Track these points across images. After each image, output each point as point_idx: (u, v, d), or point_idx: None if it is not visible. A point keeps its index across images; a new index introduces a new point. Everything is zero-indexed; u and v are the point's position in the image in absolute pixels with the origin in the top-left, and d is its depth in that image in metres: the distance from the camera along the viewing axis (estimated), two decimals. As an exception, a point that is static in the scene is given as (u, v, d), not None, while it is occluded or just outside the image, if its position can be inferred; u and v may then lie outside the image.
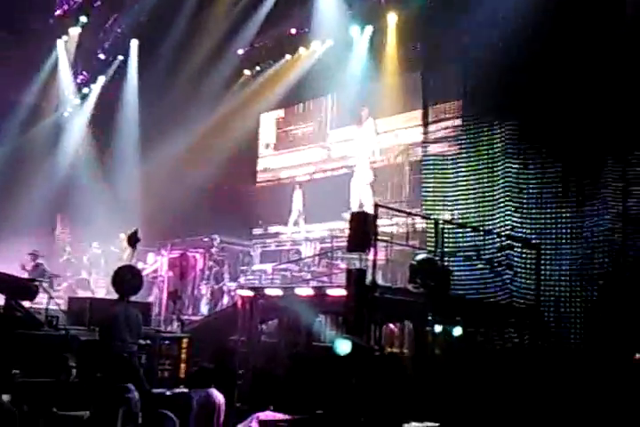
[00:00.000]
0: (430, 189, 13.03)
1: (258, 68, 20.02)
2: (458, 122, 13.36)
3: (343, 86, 17.44)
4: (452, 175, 12.72)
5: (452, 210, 12.54)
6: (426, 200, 12.98)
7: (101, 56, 20.74)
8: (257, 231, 19.41)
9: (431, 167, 13.13)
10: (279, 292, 10.77)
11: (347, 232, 9.64)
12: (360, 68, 17.11)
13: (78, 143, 21.26)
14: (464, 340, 9.52)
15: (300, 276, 14.41)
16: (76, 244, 19.75)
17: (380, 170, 16.69)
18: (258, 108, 19.92)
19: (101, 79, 21.20)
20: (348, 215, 15.91)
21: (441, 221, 10.36)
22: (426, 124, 14.15)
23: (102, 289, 17.22)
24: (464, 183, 12.46)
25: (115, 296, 9.63)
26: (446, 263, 10.13)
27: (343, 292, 9.18)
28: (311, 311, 10.24)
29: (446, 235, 10.71)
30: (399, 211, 11.66)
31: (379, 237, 9.35)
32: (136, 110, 20.51)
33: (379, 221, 9.26)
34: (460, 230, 11.77)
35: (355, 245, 9.20)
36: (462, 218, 12.28)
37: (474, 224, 11.84)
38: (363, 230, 9.06)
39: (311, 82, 18.06)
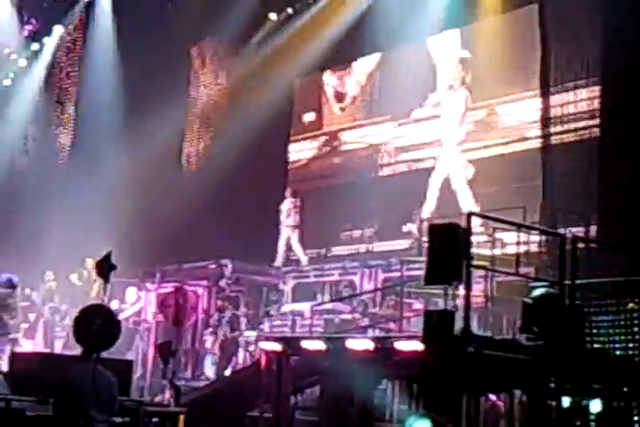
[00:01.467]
0: (552, 192, 13.04)
1: (289, 10, 20.19)
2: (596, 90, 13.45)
3: (415, 37, 17.54)
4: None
5: (586, 222, 12.40)
6: (545, 207, 12.88)
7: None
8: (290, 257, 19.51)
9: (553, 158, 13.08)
10: (321, 345, 10.71)
11: (424, 255, 9.54)
12: (441, 7, 17.18)
13: (24, 126, 21.65)
14: (607, 419, 9.39)
15: (353, 321, 14.42)
16: (20, 274, 20.07)
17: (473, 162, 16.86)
18: (290, 70, 20.03)
19: (58, 30, 21.52)
20: (413, 228, 16.47)
21: (570, 238, 10.17)
22: (545, 92, 14.13)
23: (59, 341, 17.42)
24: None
25: (78, 351, 9.69)
26: (579, 302, 9.97)
27: (419, 346, 9.06)
28: (370, 375, 10.15)
29: (579, 259, 10.53)
30: (506, 222, 11.52)
31: (474, 263, 9.25)
32: (111, 76, 20.77)
33: (473, 238, 9.18)
34: (600, 252, 11.63)
35: (436, 274, 9.10)
36: (603, 233, 12.17)
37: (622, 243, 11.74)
38: (449, 252, 8.97)
39: (369, 31, 18.12)
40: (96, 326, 9.74)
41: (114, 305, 16.65)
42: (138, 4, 19.76)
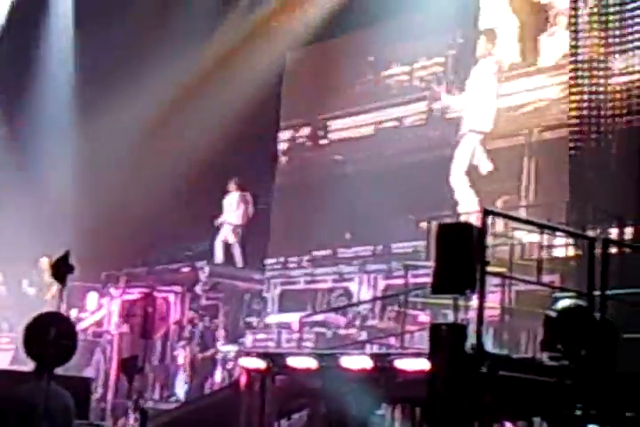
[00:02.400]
0: (581, 188, 13.08)
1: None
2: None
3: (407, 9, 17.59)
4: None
5: (620, 222, 12.42)
6: (574, 206, 12.92)
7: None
8: (273, 260, 19.47)
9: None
10: (312, 363, 10.71)
11: (431, 259, 9.54)
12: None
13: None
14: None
15: (348, 335, 14.44)
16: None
17: (495, 152, 16.87)
18: (280, 42, 20.02)
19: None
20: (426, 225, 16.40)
21: (600, 240, 10.17)
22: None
23: (7, 354, 17.40)
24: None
25: (29, 367, 9.66)
26: (611, 316, 9.98)
27: (425, 365, 9.07)
28: (368, 398, 10.15)
29: (612, 266, 10.55)
30: (527, 222, 11.53)
31: (489, 269, 9.25)
32: (70, 51, 20.78)
33: (489, 240, 9.17)
34: (636, 257, 11.64)
35: (446, 282, 9.09)
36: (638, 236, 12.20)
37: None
38: (461, 256, 8.97)
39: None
40: (50, 337, 9.70)
41: (72, 313, 16.66)
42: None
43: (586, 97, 14.09)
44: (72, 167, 20.11)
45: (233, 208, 19.11)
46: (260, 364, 11.21)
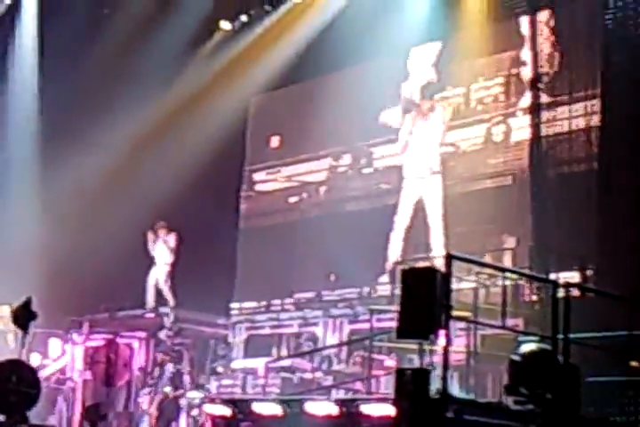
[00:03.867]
0: (542, 229, 13.13)
1: (244, 17, 20.35)
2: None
3: (388, 51, 17.79)
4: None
5: (583, 266, 12.52)
6: (537, 247, 13.01)
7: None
8: (243, 305, 19.37)
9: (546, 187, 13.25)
10: (277, 409, 10.69)
11: (396, 303, 9.56)
12: (415, 20, 17.47)
13: None
14: None
15: (314, 380, 14.41)
16: None
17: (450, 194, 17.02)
18: (245, 88, 20.13)
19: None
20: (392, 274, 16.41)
21: (563, 284, 10.27)
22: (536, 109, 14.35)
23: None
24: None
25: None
26: (574, 360, 10.02)
27: (391, 410, 9.09)
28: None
29: (575, 309, 10.61)
30: (492, 266, 11.60)
31: (454, 314, 9.28)
32: (34, 88, 20.79)
33: (453, 285, 9.21)
34: (599, 301, 11.71)
35: (411, 326, 9.11)
36: (600, 279, 12.27)
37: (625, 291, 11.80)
38: (425, 301, 9.00)
39: (340, 42, 18.30)
40: (12, 384, 9.70)
41: (34, 360, 16.53)
42: (68, 9, 19.73)
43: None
44: (34, 214, 20.02)
45: (162, 249, 19.01)
46: (226, 410, 11.17)
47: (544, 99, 15.45)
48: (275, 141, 20.47)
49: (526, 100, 16.08)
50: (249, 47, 20.17)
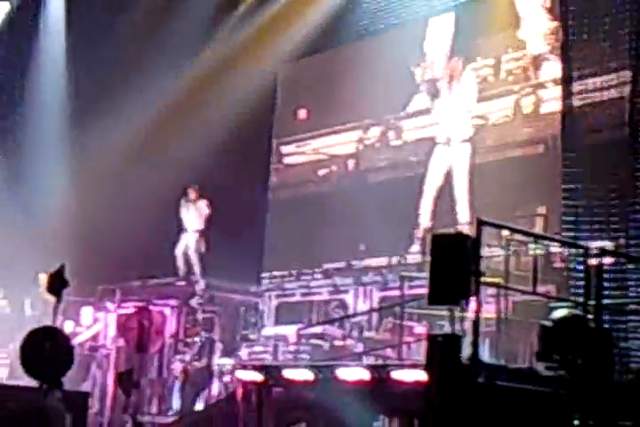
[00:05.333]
0: (574, 198, 13.01)
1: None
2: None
3: (412, 18, 17.74)
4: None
5: (615, 234, 12.45)
6: (567, 216, 12.94)
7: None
8: (273, 274, 19.40)
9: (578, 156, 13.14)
10: (309, 374, 10.73)
11: (426, 270, 9.54)
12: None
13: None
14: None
15: (345, 347, 14.46)
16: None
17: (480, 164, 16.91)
18: (272, 58, 20.05)
19: (3, 7, 21.54)
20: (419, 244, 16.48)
21: (596, 251, 10.20)
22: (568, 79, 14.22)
23: (3, 369, 17.38)
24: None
25: (24, 381, 9.68)
26: (607, 325, 9.99)
27: (422, 376, 9.10)
28: (365, 409, 10.16)
29: (607, 276, 10.56)
30: (523, 232, 11.53)
31: (484, 280, 9.26)
32: (62, 63, 20.82)
33: (484, 251, 9.18)
34: (632, 267, 11.67)
35: (441, 292, 9.11)
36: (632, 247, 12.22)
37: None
38: (456, 267, 8.99)
39: (366, 9, 18.19)
40: (46, 351, 9.75)
41: (67, 328, 16.64)
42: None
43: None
44: (64, 184, 20.10)
45: (193, 216, 18.98)
46: (257, 376, 11.23)
47: (574, 70, 15.27)
48: (302, 114, 20.34)
49: (556, 71, 15.88)
50: (274, 16, 20.04)
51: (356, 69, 18.76)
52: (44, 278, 17.06)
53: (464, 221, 16.42)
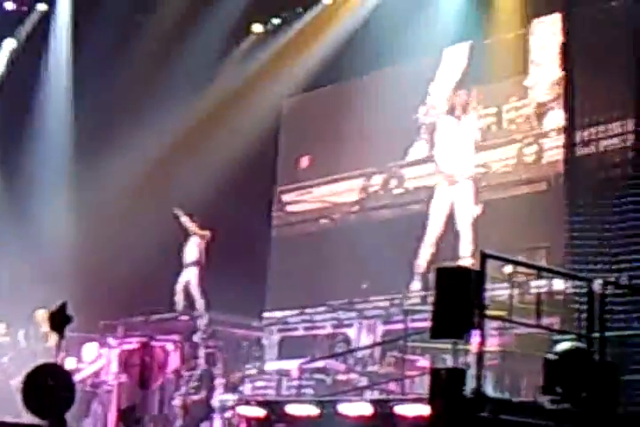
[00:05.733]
0: (580, 232, 13.18)
1: (275, 20, 20.41)
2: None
3: (416, 53, 17.79)
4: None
5: (617, 267, 12.43)
6: (573, 247, 12.89)
7: (9, 5, 21.26)
8: (275, 314, 19.27)
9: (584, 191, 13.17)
10: (312, 410, 10.67)
11: (430, 304, 9.51)
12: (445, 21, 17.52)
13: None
14: None
15: (348, 381, 14.36)
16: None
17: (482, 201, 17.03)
18: (277, 90, 20.12)
19: (9, 44, 21.69)
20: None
21: (599, 284, 10.16)
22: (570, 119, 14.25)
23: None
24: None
25: (24, 419, 9.62)
26: (611, 358, 9.93)
27: (425, 410, 9.03)
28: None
29: (611, 308, 10.53)
30: (526, 265, 11.51)
31: (488, 313, 9.22)
32: (67, 98, 20.93)
33: (487, 284, 9.15)
34: (636, 299, 11.65)
35: (445, 326, 9.06)
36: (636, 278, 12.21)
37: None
38: (459, 300, 8.95)
39: (371, 45, 18.29)
40: (47, 388, 9.70)
41: (69, 364, 16.56)
42: (101, 17, 19.82)
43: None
44: (68, 218, 20.14)
45: (192, 248, 18.97)
46: (260, 412, 11.17)
47: (577, 119, 15.32)
48: (304, 161, 20.38)
49: (559, 120, 15.84)
50: (281, 50, 20.17)
51: (358, 108, 18.87)
52: (41, 314, 17.10)
53: (466, 256, 16.43)
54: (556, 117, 16.03)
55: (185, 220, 18.81)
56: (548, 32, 16.56)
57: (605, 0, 14.38)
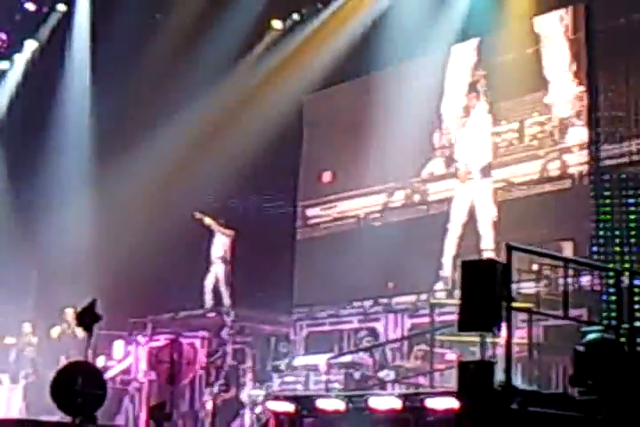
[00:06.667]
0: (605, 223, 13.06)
1: (295, 16, 20.38)
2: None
3: (432, 48, 17.76)
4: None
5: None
6: (599, 237, 12.89)
7: (30, 6, 21.33)
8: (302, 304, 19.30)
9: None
10: (340, 404, 10.65)
11: (456, 297, 9.49)
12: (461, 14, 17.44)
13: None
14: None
15: (376, 376, 14.33)
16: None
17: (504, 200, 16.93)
18: (298, 86, 20.09)
19: (30, 45, 21.78)
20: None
21: (625, 273, 10.13)
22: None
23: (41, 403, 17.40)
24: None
25: (56, 416, 9.66)
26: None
27: (454, 403, 9.03)
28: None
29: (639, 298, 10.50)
30: (553, 256, 11.46)
31: (515, 305, 9.19)
32: (86, 97, 20.99)
33: (514, 277, 9.12)
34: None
35: (472, 319, 9.04)
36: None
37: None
38: (486, 293, 8.93)
39: (386, 42, 18.23)
40: (78, 386, 9.74)
41: (99, 362, 16.64)
42: (120, 16, 19.85)
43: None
44: (94, 217, 20.20)
45: (218, 245, 19.03)
46: (289, 407, 11.16)
47: (601, 134, 15.28)
48: (327, 176, 20.19)
49: (582, 135, 15.86)
50: (301, 46, 20.15)
51: (380, 103, 18.76)
52: (70, 313, 17.21)
53: (489, 249, 16.41)
54: (579, 133, 15.95)
55: (209, 222, 18.89)
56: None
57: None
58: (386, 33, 18.34)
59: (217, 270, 18.95)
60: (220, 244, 18.95)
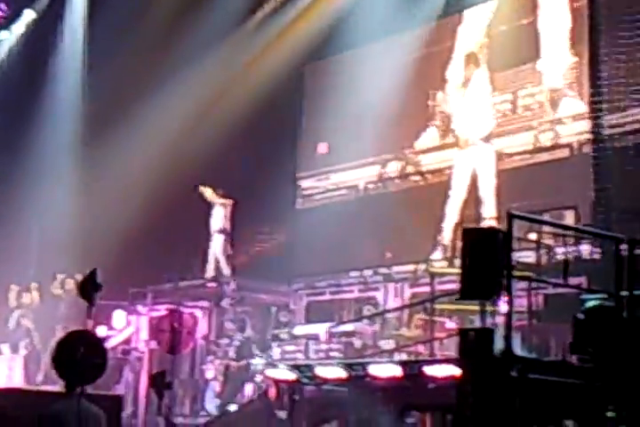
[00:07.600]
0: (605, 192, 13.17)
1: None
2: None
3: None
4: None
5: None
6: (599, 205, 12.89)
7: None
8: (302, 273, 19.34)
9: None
10: (340, 372, 10.71)
11: (456, 265, 9.50)
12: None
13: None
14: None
15: (376, 344, 14.38)
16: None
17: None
18: (295, 57, 20.01)
19: (28, 15, 21.74)
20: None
21: (625, 241, 10.11)
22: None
23: (39, 374, 17.50)
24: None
25: (57, 386, 9.68)
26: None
27: (454, 370, 9.08)
28: (397, 406, 10.17)
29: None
30: (553, 224, 11.48)
31: (516, 273, 9.20)
32: (81, 70, 20.98)
33: (514, 245, 9.12)
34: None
35: (472, 287, 9.05)
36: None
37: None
38: (487, 262, 8.94)
39: (384, 11, 18.17)
40: (79, 355, 9.72)
41: (100, 332, 16.70)
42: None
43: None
44: (95, 187, 20.22)
45: (217, 216, 19.05)
46: (289, 375, 11.23)
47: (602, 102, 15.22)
48: (323, 148, 20.20)
49: (575, 107, 15.84)
50: (300, 15, 20.07)
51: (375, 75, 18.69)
52: (71, 284, 17.29)
53: (491, 217, 16.41)
54: (572, 104, 15.92)
55: (209, 194, 18.91)
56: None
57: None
58: (384, 2, 18.30)
59: (216, 241, 18.97)
60: (219, 214, 18.96)
